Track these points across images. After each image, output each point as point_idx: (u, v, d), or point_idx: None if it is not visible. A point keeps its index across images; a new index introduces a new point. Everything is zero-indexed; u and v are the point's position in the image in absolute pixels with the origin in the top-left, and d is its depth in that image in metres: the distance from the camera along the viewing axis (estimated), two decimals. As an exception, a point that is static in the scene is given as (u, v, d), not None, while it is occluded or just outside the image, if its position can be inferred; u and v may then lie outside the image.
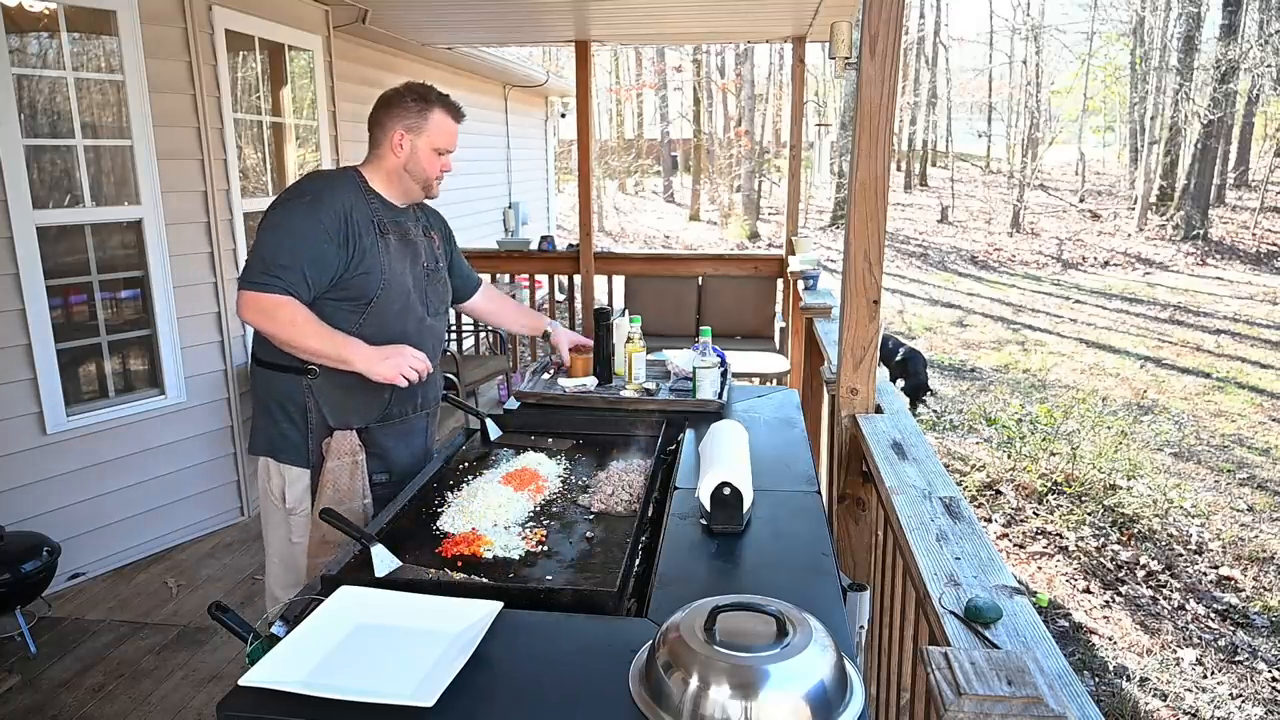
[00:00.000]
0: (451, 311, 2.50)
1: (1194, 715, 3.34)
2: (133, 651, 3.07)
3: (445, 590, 1.39)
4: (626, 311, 2.67)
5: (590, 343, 2.59)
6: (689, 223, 20.97)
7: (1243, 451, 6.27)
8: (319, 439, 2.03)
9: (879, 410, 2.23)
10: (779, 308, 5.96)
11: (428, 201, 2.25)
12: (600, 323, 2.55)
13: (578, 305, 6.88)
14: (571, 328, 7.54)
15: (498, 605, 1.29)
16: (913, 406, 7.01)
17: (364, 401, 2.05)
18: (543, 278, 6.66)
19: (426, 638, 1.26)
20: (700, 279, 6.08)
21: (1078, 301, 12.35)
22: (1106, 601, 4.15)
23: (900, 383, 7.07)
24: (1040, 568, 4.46)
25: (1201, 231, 16.31)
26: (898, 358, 7.06)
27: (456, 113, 2.13)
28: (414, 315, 2.11)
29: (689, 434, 2.14)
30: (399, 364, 1.96)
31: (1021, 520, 4.96)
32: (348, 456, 2.02)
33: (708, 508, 1.61)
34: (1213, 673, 3.60)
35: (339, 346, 1.93)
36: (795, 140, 5.83)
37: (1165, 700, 3.42)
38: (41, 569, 3.00)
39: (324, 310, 1.96)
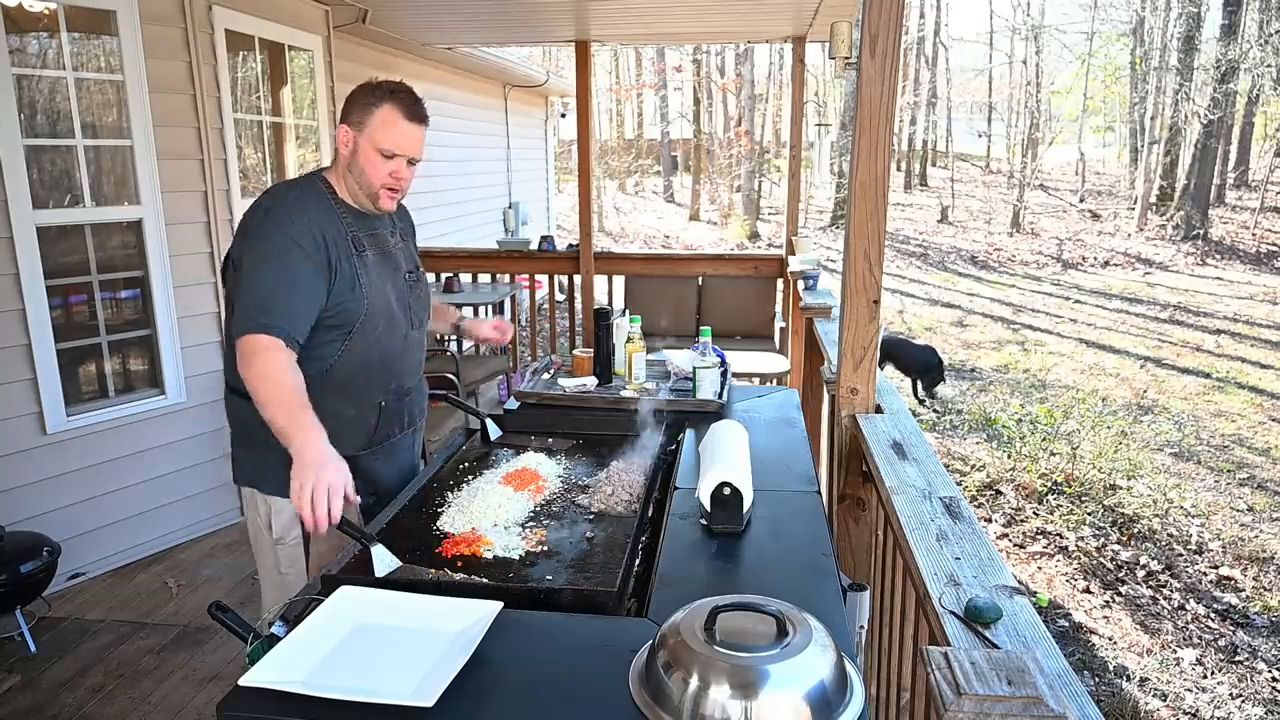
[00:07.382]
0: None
1: (1194, 715, 3.34)
2: (133, 651, 3.07)
3: (445, 590, 1.39)
4: (627, 311, 2.67)
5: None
6: (689, 223, 20.97)
7: (1243, 451, 6.27)
8: None
9: (879, 410, 2.23)
10: (779, 308, 5.96)
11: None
12: (600, 323, 2.56)
13: (578, 305, 6.87)
14: (572, 328, 7.55)
15: (498, 605, 1.29)
16: (929, 390, 7.23)
17: (351, 429, 1.93)
18: (543, 278, 6.66)
19: (426, 638, 1.26)
20: (700, 279, 6.08)
21: (1078, 301, 12.34)
22: (1106, 601, 4.15)
23: (918, 384, 7.25)
24: (1040, 568, 4.46)
25: (1201, 231, 16.31)
26: (919, 358, 7.27)
27: (413, 111, 1.86)
28: (398, 333, 1.98)
29: (689, 434, 2.14)
30: (316, 497, 1.51)
31: (1021, 520, 4.96)
32: None
33: (708, 508, 1.61)
34: (1213, 673, 3.60)
35: (292, 428, 1.61)
36: (795, 140, 5.83)
37: (1165, 700, 3.42)
38: (41, 569, 3.00)
39: (308, 337, 1.84)
